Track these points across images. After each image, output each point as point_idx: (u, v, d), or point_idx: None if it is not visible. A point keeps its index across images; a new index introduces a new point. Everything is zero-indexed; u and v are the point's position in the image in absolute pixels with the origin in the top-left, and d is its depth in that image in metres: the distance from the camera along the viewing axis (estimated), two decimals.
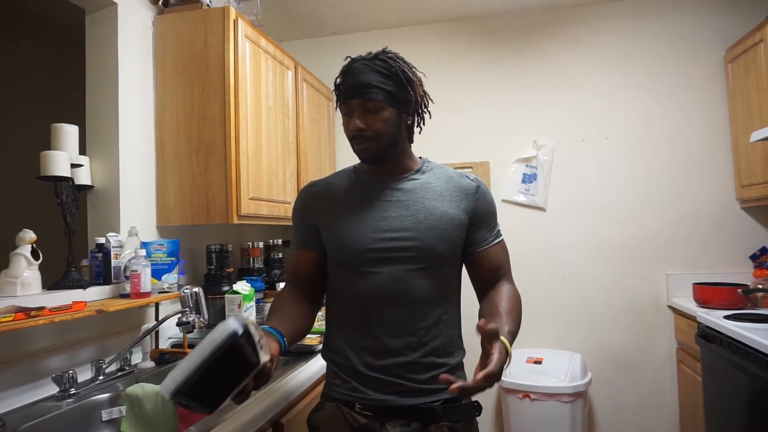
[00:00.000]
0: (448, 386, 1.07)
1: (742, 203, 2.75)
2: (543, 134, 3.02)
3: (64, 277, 1.62)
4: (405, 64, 1.22)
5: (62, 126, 1.65)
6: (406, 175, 1.27)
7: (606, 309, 2.91)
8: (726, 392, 2.04)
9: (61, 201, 1.63)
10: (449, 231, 1.20)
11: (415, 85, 1.22)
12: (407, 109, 1.22)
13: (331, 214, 1.27)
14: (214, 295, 2.14)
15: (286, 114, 2.48)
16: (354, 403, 1.19)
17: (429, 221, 1.20)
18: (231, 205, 1.98)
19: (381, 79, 1.16)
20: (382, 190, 1.25)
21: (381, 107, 1.17)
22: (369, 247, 1.19)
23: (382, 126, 1.18)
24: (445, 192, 1.24)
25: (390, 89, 1.17)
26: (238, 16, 2.05)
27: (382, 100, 1.16)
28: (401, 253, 1.18)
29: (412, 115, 1.25)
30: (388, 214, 1.21)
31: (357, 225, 1.22)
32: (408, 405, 1.16)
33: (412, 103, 1.22)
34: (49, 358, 1.50)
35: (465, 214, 1.23)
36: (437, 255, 1.19)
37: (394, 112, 1.19)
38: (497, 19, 3.12)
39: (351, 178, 1.32)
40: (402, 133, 1.24)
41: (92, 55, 1.94)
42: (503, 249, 1.29)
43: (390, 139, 1.20)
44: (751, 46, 2.49)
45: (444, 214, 1.21)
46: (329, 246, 1.26)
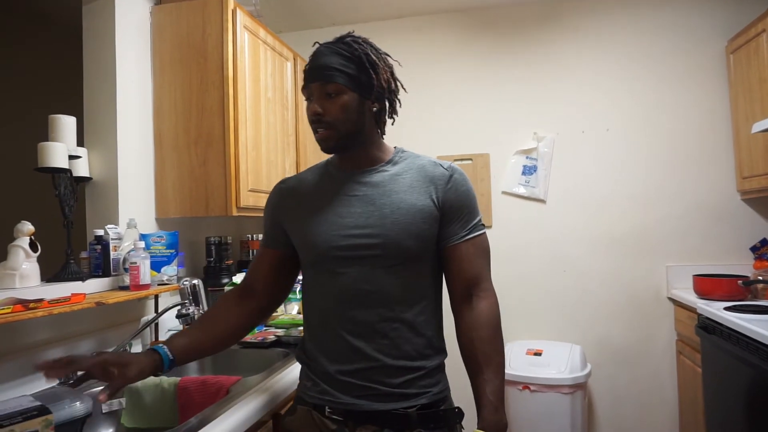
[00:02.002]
0: (423, 391, 1.11)
1: (743, 195, 2.74)
2: (543, 126, 3.01)
3: (62, 269, 1.62)
4: (370, 47, 1.16)
5: (60, 117, 1.64)
6: (376, 167, 1.18)
7: (606, 301, 2.91)
8: (726, 383, 2.04)
9: (59, 193, 1.62)
10: (417, 225, 1.11)
11: (379, 69, 1.14)
12: (370, 94, 1.13)
13: (299, 212, 1.21)
14: (214, 287, 2.14)
15: (286, 105, 2.47)
16: (324, 407, 1.13)
17: (395, 215, 1.11)
18: (230, 197, 1.97)
19: (342, 61, 1.10)
20: (349, 184, 1.17)
21: (340, 91, 1.10)
22: (334, 245, 1.13)
23: (341, 112, 1.10)
24: (415, 183, 1.15)
25: (351, 72, 1.10)
26: (237, 6, 2.03)
27: (342, 83, 1.09)
28: (367, 251, 1.11)
29: (378, 101, 1.16)
30: (354, 210, 1.14)
31: (322, 223, 1.15)
32: (380, 410, 1.09)
33: (375, 87, 1.13)
34: (49, 350, 1.49)
35: (434, 205, 1.13)
36: (405, 251, 1.11)
37: (356, 97, 1.11)
38: (497, 10, 3.10)
39: (321, 173, 1.25)
40: (366, 120, 1.15)
41: (89, 46, 1.93)
42: (479, 247, 1.16)
43: (350, 127, 1.12)
44: (753, 36, 2.47)
45: (411, 207, 1.12)
46: (297, 246, 1.21)
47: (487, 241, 1.18)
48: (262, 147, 2.20)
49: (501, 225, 3.04)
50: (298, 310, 2.32)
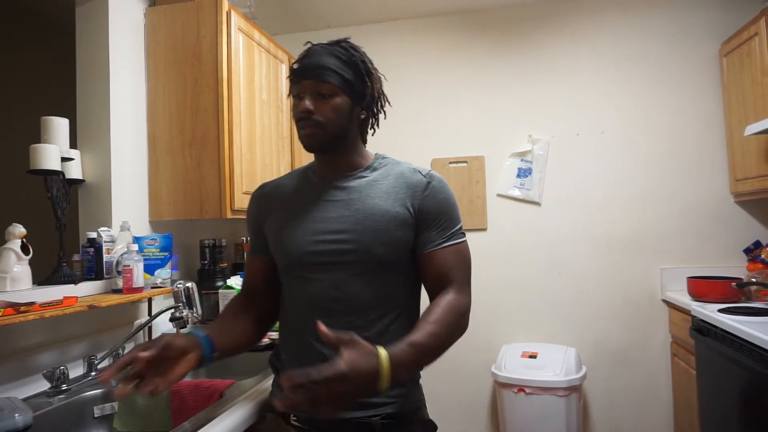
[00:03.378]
0: (389, 401, 1.07)
1: (737, 197, 2.75)
2: (538, 129, 3.01)
3: (54, 272, 1.60)
4: (365, 57, 1.17)
5: (53, 119, 1.64)
6: (355, 172, 1.18)
7: (601, 303, 2.91)
8: (720, 385, 2.05)
9: (51, 195, 1.61)
10: (390, 231, 1.09)
11: (373, 78, 1.16)
12: (362, 101, 1.15)
13: (276, 217, 1.21)
14: (208, 290, 2.13)
15: (280, 108, 2.46)
16: (289, 415, 1.12)
17: (368, 221, 1.10)
18: (224, 199, 1.96)
19: (339, 64, 1.10)
20: (327, 189, 1.17)
21: (334, 92, 1.10)
22: (306, 250, 1.12)
23: (332, 113, 1.10)
24: (392, 189, 1.14)
25: (347, 76, 1.11)
26: (231, 8, 2.02)
27: (337, 85, 1.10)
28: (340, 257, 1.10)
29: (367, 110, 1.18)
30: (329, 215, 1.13)
31: (296, 227, 1.15)
32: (344, 419, 1.06)
33: (368, 96, 1.15)
34: (40, 354, 1.48)
35: (409, 212, 1.11)
36: (376, 258, 1.09)
37: (348, 101, 1.12)
38: (492, 13, 3.10)
39: (300, 177, 1.26)
40: (353, 126, 1.16)
41: (82, 47, 1.91)
42: (457, 254, 1.12)
43: (338, 129, 1.13)
44: (745, 39, 2.49)
45: (385, 213, 1.10)
46: (273, 250, 1.21)
47: (467, 250, 1.15)
48: (257, 149, 2.19)
49: (496, 227, 3.04)
50: None
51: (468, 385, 2.99)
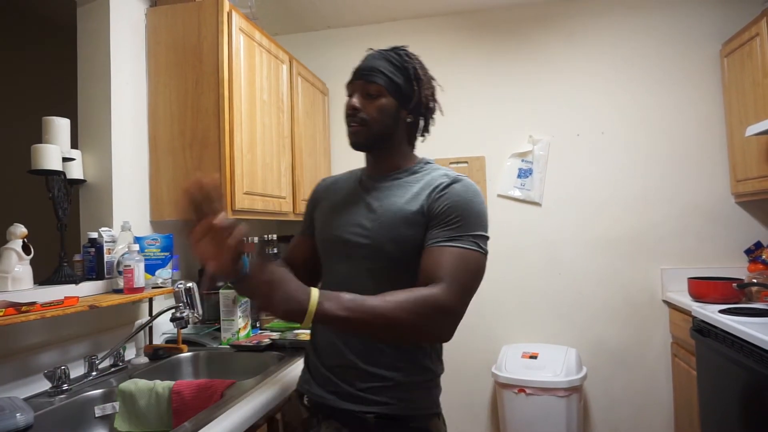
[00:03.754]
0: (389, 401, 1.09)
1: (737, 198, 2.75)
2: (538, 129, 3.02)
3: (55, 272, 1.61)
4: (419, 64, 1.22)
5: (54, 119, 1.64)
6: (393, 173, 1.22)
7: (601, 304, 2.91)
8: (720, 385, 2.05)
9: (52, 195, 1.61)
10: (399, 229, 1.11)
11: (422, 84, 1.19)
12: (408, 104, 1.19)
13: (324, 209, 1.29)
14: (208, 291, 2.13)
15: (281, 108, 2.46)
16: (303, 396, 1.21)
17: (383, 219, 1.13)
18: (225, 199, 1.96)
19: (389, 67, 1.17)
20: (365, 187, 1.24)
21: (381, 93, 1.16)
22: (332, 241, 1.20)
23: (377, 112, 1.16)
24: (416, 191, 1.15)
25: (394, 79, 1.16)
26: (232, 8, 2.03)
27: (384, 86, 1.16)
28: (356, 251, 1.14)
29: (413, 113, 1.21)
30: (356, 211, 1.19)
31: (332, 220, 1.23)
32: (342, 408, 1.11)
33: (414, 100, 1.19)
34: (41, 353, 1.48)
35: (418, 210, 1.11)
36: (386, 255, 1.11)
37: (393, 103, 1.17)
38: (492, 13, 3.10)
39: (353, 175, 1.33)
40: (398, 127, 1.20)
41: (84, 47, 1.92)
42: (456, 257, 1.05)
43: (382, 128, 1.17)
44: (746, 40, 2.49)
45: (399, 211, 1.12)
46: (315, 238, 1.30)
47: (474, 261, 1.06)
48: (258, 149, 2.19)
49: (497, 228, 3.03)
50: None
51: (468, 385, 2.99)
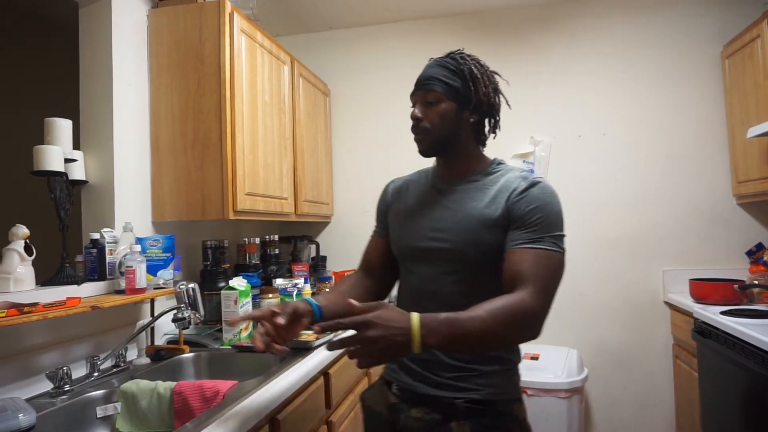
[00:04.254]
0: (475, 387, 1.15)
1: (739, 199, 2.75)
2: (540, 130, 3.02)
3: (57, 273, 1.61)
4: (475, 63, 1.23)
5: (56, 120, 1.64)
6: (467, 176, 1.24)
7: (602, 305, 2.91)
8: (722, 387, 2.05)
9: (54, 196, 1.61)
10: (479, 233, 1.14)
11: (479, 82, 1.20)
12: (468, 105, 1.20)
13: (397, 211, 1.34)
14: (210, 291, 2.13)
15: (283, 109, 2.46)
16: (392, 384, 1.26)
17: (463, 223, 1.17)
18: (227, 200, 1.96)
19: (445, 73, 1.19)
20: (439, 191, 1.26)
21: (439, 99, 1.19)
22: (410, 245, 1.25)
23: (437, 118, 1.19)
24: (494, 194, 1.17)
25: (451, 83, 1.18)
26: (234, 9, 2.03)
27: (441, 91, 1.18)
28: (435, 255, 1.19)
29: (476, 113, 1.21)
30: (434, 214, 1.23)
31: (408, 224, 1.28)
32: (431, 394, 1.17)
33: (474, 100, 1.20)
34: (43, 354, 1.48)
35: (500, 215, 1.14)
36: (465, 258, 1.16)
37: (453, 106, 1.19)
38: (493, 15, 3.11)
39: (424, 177, 1.36)
40: (461, 129, 1.21)
41: (86, 48, 1.92)
42: (539, 258, 1.08)
43: (445, 133, 1.20)
44: (748, 42, 2.49)
45: (479, 216, 1.16)
46: (391, 241, 1.35)
47: (556, 261, 1.09)
48: (259, 151, 2.19)
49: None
50: None
51: None
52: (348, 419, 2.03)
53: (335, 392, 1.89)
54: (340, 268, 3.13)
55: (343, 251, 3.24)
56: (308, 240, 3.09)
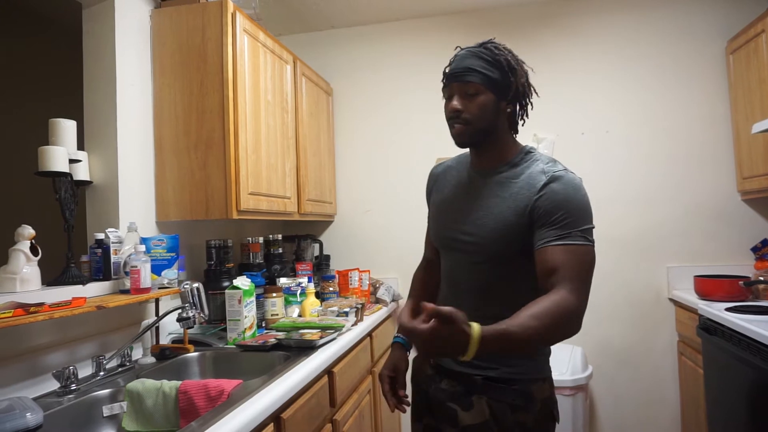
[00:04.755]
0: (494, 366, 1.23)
1: (744, 195, 2.74)
2: (543, 127, 3.01)
3: (63, 273, 1.62)
4: (510, 53, 1.24)
5: (60, 121, 1.65)
6: (497, 167, 1.27)
7: (607, 302, 2.90)
8: (728, 384, 2.04)
9: (59, 197, 1.62)
10: (502, 230, 1.20)
11: (517, 73, 1.23)
12: (506, 96, 1.22)
13: (434, 200, 1.43)
14: (214, 291, 2.13)
15: (285, 109, 2.47)
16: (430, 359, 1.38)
17: (487, 218, 1.23)
18: (230, 200, 1.97)
19: (482, 64, 1.20)
20: (472, 181, 1.31)
21: (479, 91, 1.20)
22: (441, 234, 1.36)
23: (478, 110, 1.20)
24: (517, 190, 1.21)
25: (490, 74, 1.20)
26: (236, 9, 2.03)
27: (480, 83, 1.20)
28: (461, 246, 1.28)
29: (512, 103, 1.25)
30: (463, 206, 1.30)
31: (440, 215, 1.38)
32: (456, 370, 1.29)
33: (512, 90, 1.22)
34: (50, 354, 1.49)
35: (522, 213, 1.18)
36: (489, 252, 1.23)
37: (492, 97, 1.21)
38: (496, 12, 3.10)
39: (462, 165, 1.38)
40: (500, 120, 1.24)
41: (89, 49, 1.93)
42: (570, 253, 1.11)
43: (485, 124, 1.22)
44: (752, 37, 2.47)
45: (504, 211, 1.21)
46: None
47: (586, 254, 1.13)
48: (262, 150, 2.20)
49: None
50: (299, 313, 2.32)
51: None
52: (353, 417, 2.03)
53: (339, 391, 1.90)
54: (343, 266, 3.13)
55: (347, 250, 3.25)
56: (312, 239, 3.09)
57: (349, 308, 2.28)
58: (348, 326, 2.14)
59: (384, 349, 2.72)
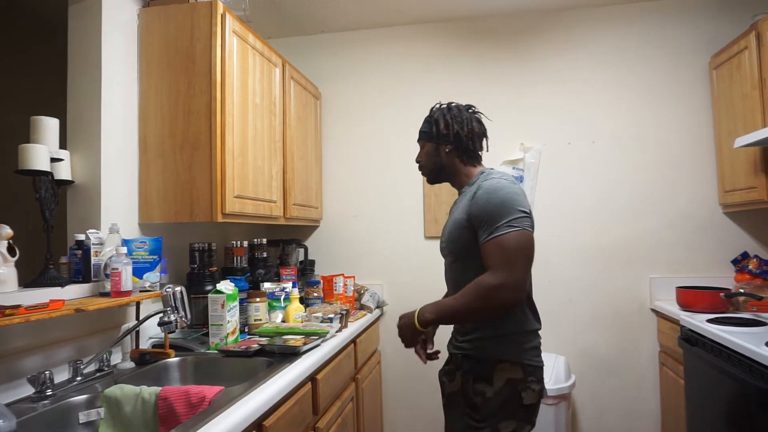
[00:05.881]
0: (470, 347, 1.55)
1: (725, 208, 2.78)
2: (530, 137, 3.03)
3: (41, 274, 1.57)
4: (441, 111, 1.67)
5: (42, 119, 1.61)
6: (462, 189, 1.65)
7: (590, 312, 2.93)
8: (708, 394, 2.06)
9: (40, 196, 1.58)
10: (456, 233, 1.56)
11: (440, 124, 1.63)
12: (441, 140, 1.63)
13: None
14: (197, 295, 2.11)
15: (273, 112, 2.45)
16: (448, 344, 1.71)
17: (449, 228, 1.61)
18: (215, 202, 1.94)
19: (425, 125, 1.69)
20: (453, 204, 1.69)
21: (423, 145, 1.71)
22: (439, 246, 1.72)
23: (424, 157, 1.70)
24: (466, 202, 1.54)
25: (427, 130, 1.68)
26: (226, 10, 2.01)
27: (422, 138, 1.70)
28: (442, 251, 1.67)
29: (449, 143, 1.63)
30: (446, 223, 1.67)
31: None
32: (451, 352, 1.65)
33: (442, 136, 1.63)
34: (25, 358, 1.45)
35: (466, 218, 1.51)
36: (450, 252, 1.61)
37: (432, 145, 1.66)
38: (485, 21, 3.12)
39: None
40: (444, 159, 1.65)
41: (74, 47, 1.89)
42: (495, 245, 1.42)
43: (432, 165, 1.68)
44: (735, 53, 2.52)
45: (455, 221, 1.56)
46: None
47: (509, 239, 1.41)
48: (249, 153, 2.17)
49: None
50: (282, 318, 2.29)
51: None
52: (335, 425, 2.01)
53: (323, 398, 1.87)
54: (329, 272, 3.11)
55: (332, 255, 3.23)
56: (297, 244, 3.06)
57: (333, 314, 2.26)
58: (332, 332, 2.11)
59: (368, 355, 2.70)
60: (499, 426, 1.45)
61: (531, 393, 1.47)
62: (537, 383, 1.50)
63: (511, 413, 1.45)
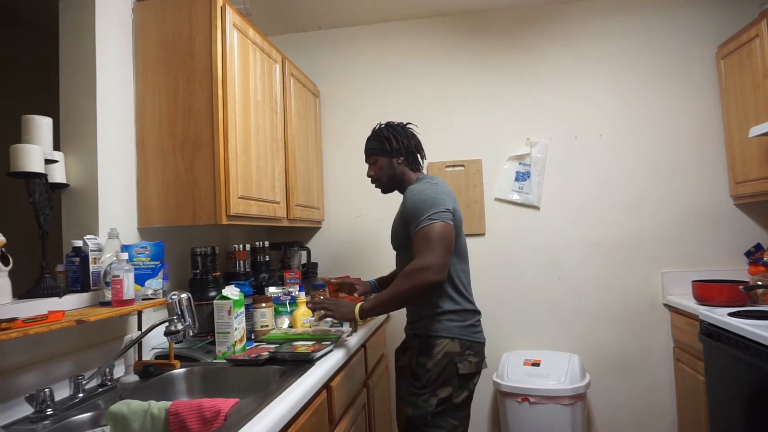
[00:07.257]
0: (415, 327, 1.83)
1: (736, 200, 2.74)
2: (536, 131, 2.97)
3: (37, 284, 1.47)
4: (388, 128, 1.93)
5: (35, 118, 1.50)
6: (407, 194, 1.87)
7: (602, 308, 2.86)
8: (733, 390, 2.00)
9: (33, 200, 1.48)
10: (396, 229, 1.88)
11: (391, 140, 1.89)
12: (393, 154, 1.90)
13: None
14: (200, 301, 2.00)
15: (274, 109, 2.36)
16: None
17: (393, 224, 1.92)
18: (219, 204, 1.85)
19: (374, 142, 1.94)
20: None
21: (375, 160, 1.94)
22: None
23: (378, 171, 1.94)
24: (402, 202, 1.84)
25: (377, 146, 1.92)
26: (226, 3, 1.92)
27: (375, 155, 1.93)
28: (392, 245, 1.95)
29: (400, 156, 1.91)
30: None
31: None
32: (406, 332, 1.91)
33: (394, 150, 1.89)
34: (22, 375, 1.34)
35: (400, 216, 1.83)
36: (396, 246, 1.92)
37: (385, 159, 1.92)
38: (488, 15, 3.06)
39: None
40: (395, 169, 1.92)
41: (67, 42, 1.79)
42: (418, 237, 1.69)
43: (386, 178, 1.94)
44: (745, 42, 2.47)
45: (395, 219, 1.90)
46: None
47: (430, 230, 1.67)
48: (252, 152, 2.08)
49: (494, 232, 2.97)
50: (289, 323, 2.20)
51: None
52: None
53: (338, 406, 1.79)
54: (332, 274, 3.02)
55: (335, 257, 3.14)
56: (299, 246, 2.97)
57: None
58: (344, 337, 2.03)
59: (376, 360, 2.61)
60: (437, 391, 1.71)
61: (467, 364, 1.73)
62: (474, 356, 1.76)
63: (447, 380, 1.71)
